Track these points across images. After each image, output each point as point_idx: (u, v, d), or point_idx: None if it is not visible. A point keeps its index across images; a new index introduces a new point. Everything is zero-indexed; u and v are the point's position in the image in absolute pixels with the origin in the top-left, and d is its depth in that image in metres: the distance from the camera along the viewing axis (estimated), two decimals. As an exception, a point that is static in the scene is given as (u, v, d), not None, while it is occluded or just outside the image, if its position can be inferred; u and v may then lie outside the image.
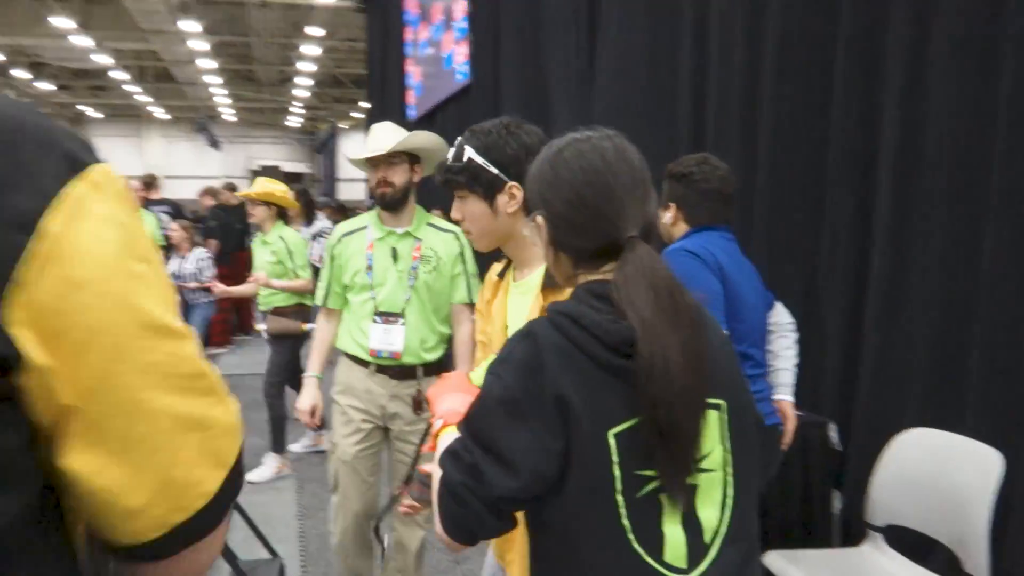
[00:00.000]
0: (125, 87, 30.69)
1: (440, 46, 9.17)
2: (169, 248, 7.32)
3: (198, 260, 7.32)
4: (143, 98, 32.36)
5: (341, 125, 32.52)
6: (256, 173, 38.45)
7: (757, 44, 3.95)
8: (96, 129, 37.22)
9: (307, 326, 5.45)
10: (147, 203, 8.21)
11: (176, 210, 8.73)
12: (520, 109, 6.83)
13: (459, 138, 2.01)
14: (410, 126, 11.08)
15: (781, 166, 3.81)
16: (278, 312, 5.54)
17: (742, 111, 4.07)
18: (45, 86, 30.79)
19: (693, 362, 1.21)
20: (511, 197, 1.93)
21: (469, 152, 1.94)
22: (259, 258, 5.57)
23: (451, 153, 2.00)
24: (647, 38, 4.95)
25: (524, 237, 1.83)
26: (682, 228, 2.83)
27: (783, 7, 3.77)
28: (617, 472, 1.21)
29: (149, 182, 8.45)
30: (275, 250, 5.44)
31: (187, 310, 7.35)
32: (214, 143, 33.96)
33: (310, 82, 28.78)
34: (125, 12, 20.57)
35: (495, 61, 7.64)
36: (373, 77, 14.20)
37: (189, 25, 20.57)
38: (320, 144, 32.96)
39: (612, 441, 1.21)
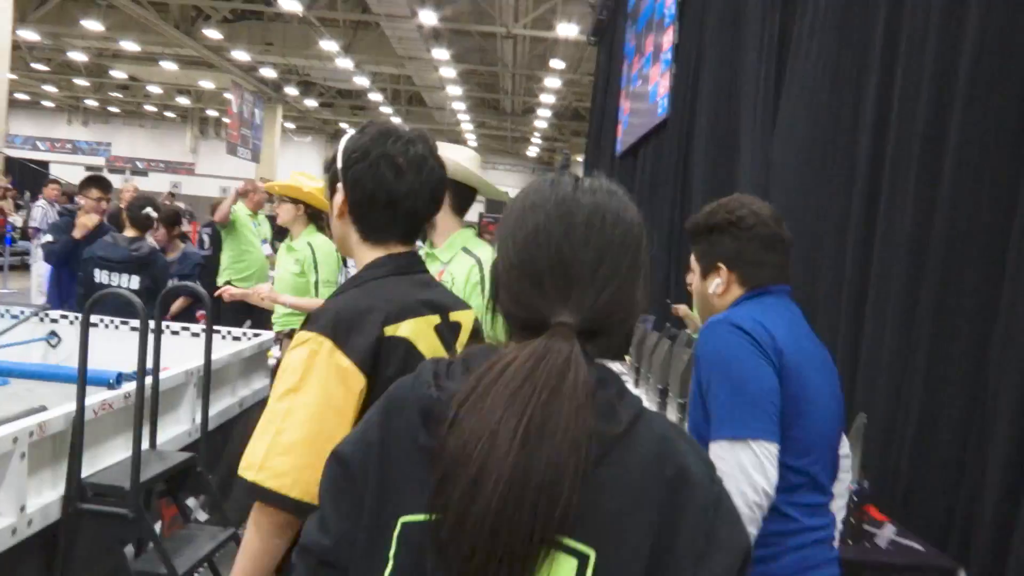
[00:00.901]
0: (381, 109, 32.95)
1: (648, 79, 8.91)
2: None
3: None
4: (396, 119, 34.53)
5: (576, 158, 32.96)
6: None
7: (946, 80, 3.36)
8: (354, 145, 40.19)
9: None
10: None
11: None
12: (708, 146, 6.43)
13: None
14: (616, 161, 10.86)
15: (963, 209, 3.15)
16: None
17: (923, 150, 3.47)
18: (311, 103, 33.71)
19: (534, 477, 0.88)
20: (337, 198, 1.70)
21: (339, 146, 1.73)
22: (281, 267, 4.67)
23: None
24: (831, 74, 4.43)
25: (356, 247, 1.70)
26: (736, 294, 2.07)
27: (977, 44, 3.15)
28: (388, 570, 0.95)
29: None
30: (299, 259, 4.57)
31: None
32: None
33: (550, 113, 29.41)
34: (384, 38, 22.04)
35: (693, 95, 7.27)
36: (594, 111, 14.16)
37: (440, 53, 21.71)
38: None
39: (397, 529, 0.96)
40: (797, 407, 1.87)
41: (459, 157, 2.85)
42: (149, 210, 4.73)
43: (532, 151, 39.39)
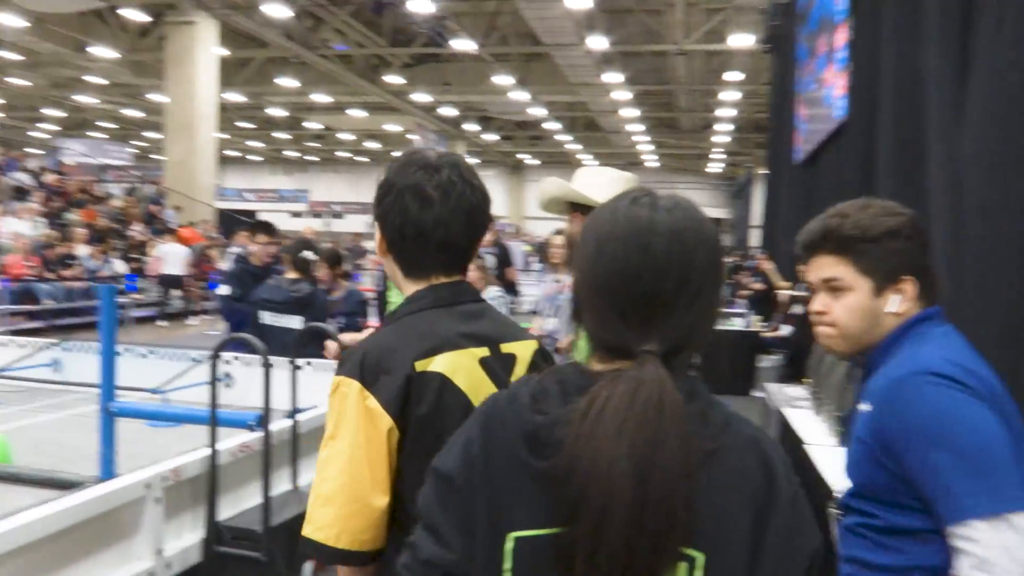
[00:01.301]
0: (557, 137, 33.23)
1: (823, 81, 8.34)
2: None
3: (490, 300, 7.31)
4: (573, 146, 34.71)
5: (762, 171, 31.80)
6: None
7: None
8: (533, 175, 40.84)
9: None
10: None
11: (503, 253, 8.94)
12: (892, 145, 5.87)
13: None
14: (797, 170, 10.28)
15: None
16: None
17: None
18: (490, 137, 34.53)
19: (651, 499, 0.96)
20: (377, 235, 1.61)
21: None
22: None
23: None
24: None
25: (402, 284, 1.60)
26: (910, 314, 1.69)
27: None
28: None
29: None
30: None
31: None
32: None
33: (730, 127, 28.56)
34: (556, 67, 22.24)
35: (872, 93, 6.69)
36: (772, 120, 13.52)
37: (613, 76, 21.63)
38: (737, 189, 32.53)
39: (510, 544, 1.04)
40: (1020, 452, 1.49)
41: (594, 181, 2.65)
42: (307, 253, 4.89)
43: (713, 167, 38.38)
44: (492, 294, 7.17)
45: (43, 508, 2.10)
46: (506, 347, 1.56)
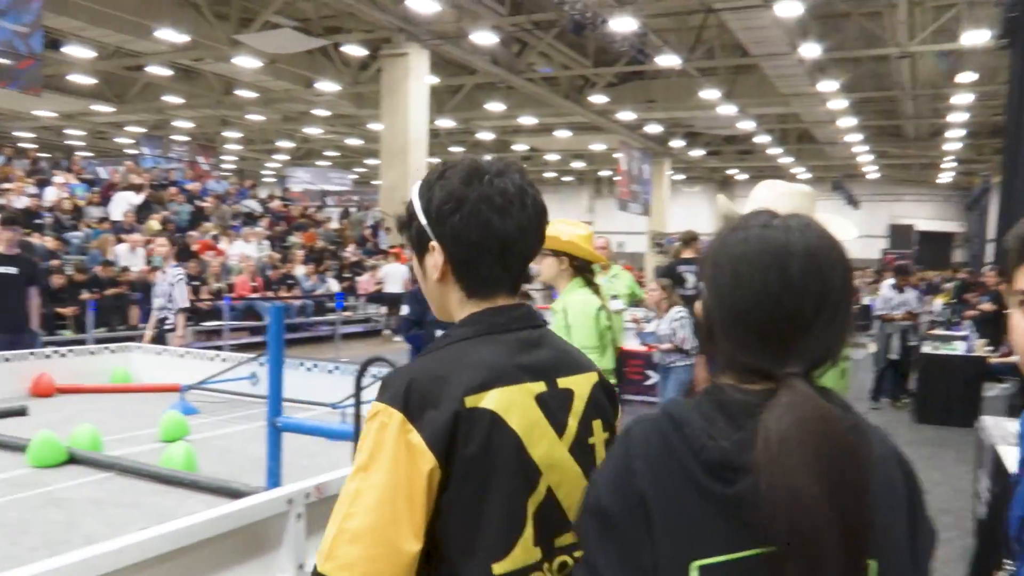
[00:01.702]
0: (769, 151, 31.97)
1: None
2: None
3: (671, 321, 6.86)
4: (785, 160, 33.26)
5: (999, 179, 29.06)
6: (895, 230, 36.58)
7: None
8: (742, 190, 39.51)
9: None
10: (680, 261, 8.21)
11: (667, 271, 8.44)
12: None
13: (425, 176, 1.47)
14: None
15: None
16: None
17: None
18: (697, 152, 33.79)
19: (845, 518, 1.00)
20: (432, 259, 1.41)
21: (412, 191, 1.44)
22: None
23: (414, 191, 1.46)
24: None
25: (459, 308, 1.43)
26: None
27: None
28: None
29: (688, 239, 8.46)
30: (557, 322, 3.84)
31: (664, 374, 6.99)
32: (851, 201, 33.13)
33: (962, 133, 26.26)
34: (765, 78, 21.40)
35: None
36: (1009, 123, 12.19)
37: (828, 85, 20.52)
38: (972, 201, 29.83)
39: (695, 574, 1.04)
40: None
41: (764, 196, 2.38)
42: None
43: (944, 177, 35.43)
44: (675, 315, 6.89)
45: (195, 516, 2.14)
46: (563, 381, 1.39)
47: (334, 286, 17.22)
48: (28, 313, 5.98)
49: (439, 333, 4.77)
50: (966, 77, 19.40)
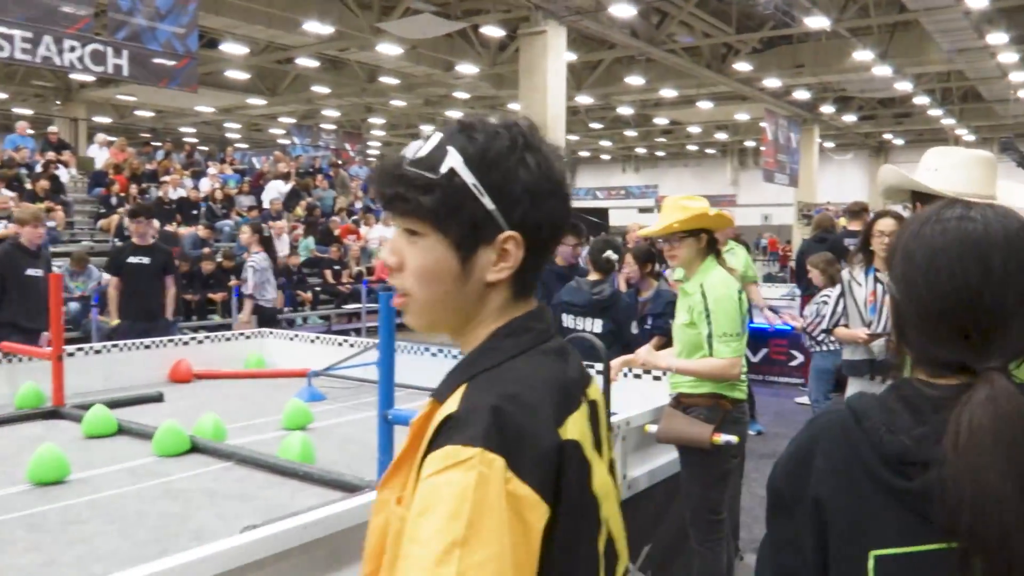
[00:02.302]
0: (930, 112, 29.88)
1: None
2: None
3: (816, 302, 6.26)
4: (948, 121, 31.00)
5: None
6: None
7: None
8: (900, 156, 37.13)
9: (722, 437, 3.23)
10: (847, 234, 7.60)
11: (832, 244, 7.66)
12: None
13: (434, 129, 1.10)
14: None
15: None
16: (683, 403, 3.35)
17: None
18: (850, 118, 31.99)
19: None
20: (502, 255, 1.06)
21: (453, 159, 1.04)
22: (677, 317, 3.53)
23: (416, 148, 1.07)
24: None
25: (496, 314, 1.09)
26: None
27: None
28: None
29: (856, 211, 7.83)
30: (691, 305, 3.38)
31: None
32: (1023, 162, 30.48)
33: None
34: (925, 35, 19.95)
35: None
36: None
37: (998, 37, 18.90)
38: None
39: (871, 563, 1.06)
40: None
41: (938, 164, 2.08)
42: (609, 253, 4.64)
43: None
44: (821, 296, 6.34)
45: (307, 516, 2.10)
46: (591, 392, 1.13)
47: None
48: (163, 302, 6.28)
49: (569, 317, 4.62)
50: None
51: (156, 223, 7.23)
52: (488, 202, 1.03)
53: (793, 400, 8.53)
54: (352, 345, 5.56)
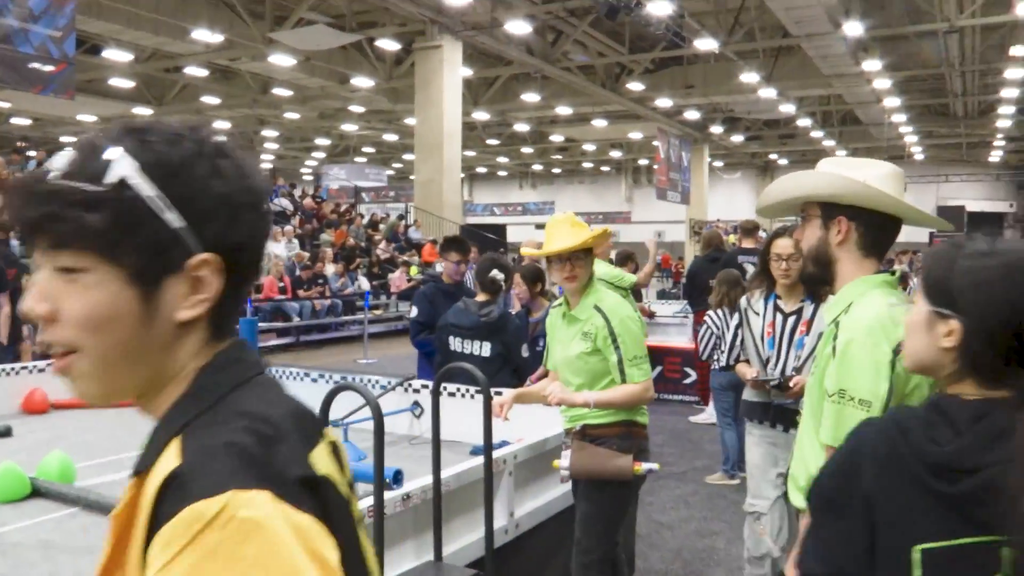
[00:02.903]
0: (812, 134, 31.11)
1: None
2: None
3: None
4: (828, 142, 32.37)
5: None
6: (944, 212, 35.54)
7: None
8: (784, 175, 38.50)
9: (643, 466, 3.00)
10: (741, 251, 7.71)
11: (726, 262, 7.79)
12: None
13: (91, 136, 0.86)
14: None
15: None
16: (590, 435, 3.05)
17: None
18: (737, 138, 33.02)
19: None
20: (195, 286, 0.86)
21: (123, 165, 0.82)
22: (565, 345, 3.18)
23: (68, 158, 0.84)
24: None
25: (186, 380, 0.87)
26: None
27: None
28: None
29: (749, 228, 7.95)
30: (588, 331, 3.07)
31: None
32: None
33: (1013, 109, 25.23)
34: (807, 60, 20.73)
35: None
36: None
37: (872, 64, 19.79)
38: (1026, 180, 28.77)
39: (918, 555, 1.23)
40: None
41: (870, 175, 1.93)
42: (495, 273, 4.47)
43: (994, 155, 34.21)
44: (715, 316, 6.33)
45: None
46: (328, 433, 0.92)
47: (365, 284, 16.98)
48: None
49: (456, 340, 4.41)
50: (1019, 51, 18.54)
51: None
52: (174, 218, 0.83)
53: (687, 419, 8.51)
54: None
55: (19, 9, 12.17)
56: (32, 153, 19.02)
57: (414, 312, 5.02)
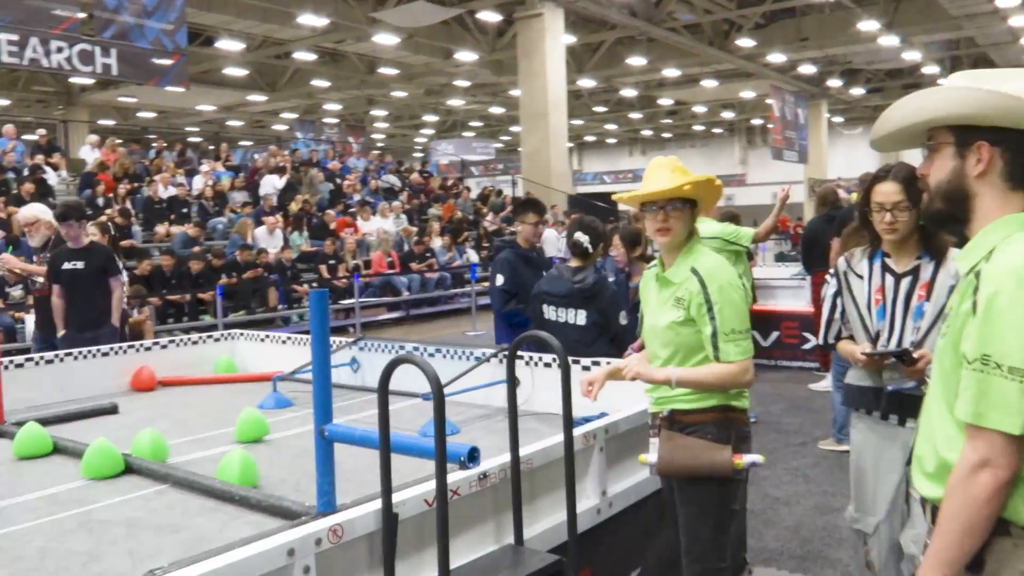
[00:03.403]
0: (939, 82, 29.23)
1: None
2: None
3: None
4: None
5: None
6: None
7: None
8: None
9: (745, 459, 2.60)
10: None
11: (842, 221, 7.10)
12: None
13: None
14: None
15: None
16: (681, 423, 2.67)
17: None
18: (858, 91, 31.37)
19: None
20: None
21: None
22: (658, 314, 2.77)
23: None
24: None
25: None
26: None
27: None
28: None
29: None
30: (682, 297, 2.66)
31: None
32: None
33: None
34: (932, 2, 19.42)
35: None
36: None
37: (1006, 1, 18.35)
38: None
39: None
40: None
41: (1020, 87, 1.56)
42: (578, 236, 4.18)
43: None
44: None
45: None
46: None
47: (473, 257, 16.97)
48: (107, 307, 5.77)
49: (550, 308, 4.20)
50: None
51: (89, 225, 6.65)
52: None
53: (807, 386, 8.09)
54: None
55: (133, 6, 12.66)
56: (152, 142, 19.87)
57: (499, 280, 4.71)
